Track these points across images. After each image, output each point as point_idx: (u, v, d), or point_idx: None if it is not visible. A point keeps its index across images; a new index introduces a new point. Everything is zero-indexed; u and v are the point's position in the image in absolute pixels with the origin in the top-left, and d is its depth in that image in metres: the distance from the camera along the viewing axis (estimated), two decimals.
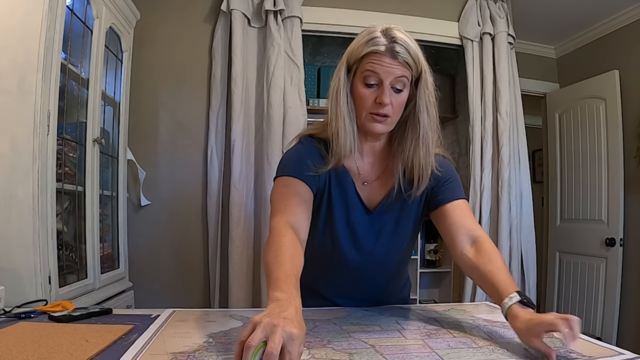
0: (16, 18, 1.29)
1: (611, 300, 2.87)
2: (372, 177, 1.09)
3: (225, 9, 2.30)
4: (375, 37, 0.95)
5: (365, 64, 0.96)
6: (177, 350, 0.76)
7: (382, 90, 0.95)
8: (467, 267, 1.01)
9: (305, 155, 1.05)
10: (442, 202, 1.06)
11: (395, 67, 0.94)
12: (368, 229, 1.09)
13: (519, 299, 0.84)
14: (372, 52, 0.95)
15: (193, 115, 2.38)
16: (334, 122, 1.00)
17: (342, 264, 1.11)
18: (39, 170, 1.28)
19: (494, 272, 0.92)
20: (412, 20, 2.56)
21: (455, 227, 1.02)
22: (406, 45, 0.94)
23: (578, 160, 3.19)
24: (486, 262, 0.95)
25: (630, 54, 2.86)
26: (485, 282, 0.94)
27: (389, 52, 0.94)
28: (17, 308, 1.12)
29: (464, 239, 1.01)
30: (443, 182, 1.07)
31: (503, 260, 0.96)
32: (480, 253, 0.97)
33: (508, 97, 2.55)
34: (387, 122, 0.99)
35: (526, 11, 2.87)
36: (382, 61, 0.94)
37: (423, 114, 0.99)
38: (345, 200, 1.07)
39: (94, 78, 1.68)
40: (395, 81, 0.95)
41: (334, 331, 0.91)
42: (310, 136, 1.09)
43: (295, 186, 1.00)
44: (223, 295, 2.26)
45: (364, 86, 0.97)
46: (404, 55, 0.94)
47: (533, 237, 2.66)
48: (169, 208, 2.35)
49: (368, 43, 0.96)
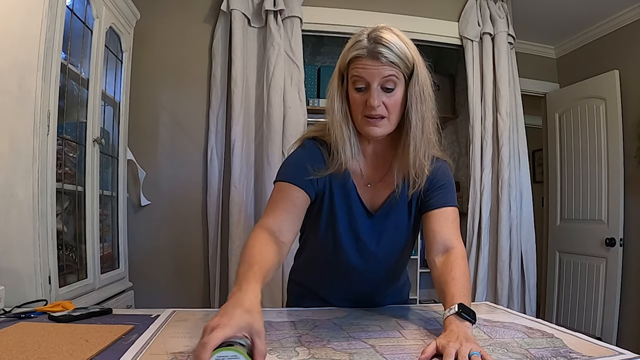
0: (16, 18, 1.29)
1: (611, 300, 2.87)
2: (376, 178, 1.09)
3: (225, 9, 2.30)
4: (358, 41, 0.96)
5: (352, 69, 0.97)
6: (177, 350, 0.76)
7: (370, 93, 0.95)
8: (433, 276, 1.02)
9: (305, 159, 1.05)
10: (431, 207, 1.05)
11: (379, 68, 0.93)
12: (370, 231, 1.09)
13: (456, 310, 0.83)
14: (355, 57, 0.95)
15: (193, 115, 2.38)
16: (331, 130, 1.01)
17: (344, 265, 1.11)
18: (39, 170, 1.28)
19: (448, 283, 0.92)
20: (412, 20, 2.56)
21: (433, 234, 1.03)
22: (390, 45, 0.93)
23: (578, 160, 3.19)
24: (446, 273, 0.95)
25: (630, 54, 2.86)
26: (441, 291, 0.95)
27: (371, 54, 0.93)
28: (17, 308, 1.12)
29: (438, 247, 1.01)
30: (437, 187, 1.06)
31: (465, 273, 0.95)
32: (445, 263, 0.97)
33: (508, 97, 2.55)
34: (384, 123, 0.98)
35: (526, 11, 2.87)
36: (365, 64, 0.94)
37: (412, 111, 0.97)
38: (347, 203, 1.07)
39: (94, 78, 1.68)
40: (383, 81, 0.95)
41: (334, 331, 0.91)
42: (314, 138, 1.09)
43: (288, 192, 1.01)
44: (223, 295, 2.26)
45: (354, 91, 0.98)
46: (387, 55, 0.93)
47: (533, 237, 2.66)
48: (169, 208, 2.35)
49: (351, 48, 0.96)
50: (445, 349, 0.72)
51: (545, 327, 0.96)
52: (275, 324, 0.98)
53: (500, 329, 0.96)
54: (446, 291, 0.91)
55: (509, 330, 0.95)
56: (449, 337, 0.76)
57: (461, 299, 0.86)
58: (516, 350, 0.79)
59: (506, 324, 1.01)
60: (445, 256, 0.99)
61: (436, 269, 0.99)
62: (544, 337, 0.89)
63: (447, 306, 0.87)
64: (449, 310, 0.85)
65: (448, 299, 0.88)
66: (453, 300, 0.87)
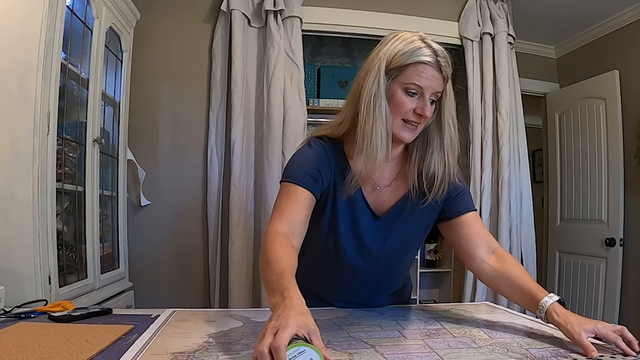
0: (16, 18, 1.29)
1: (611, 300, 2.87)
2: (386, 182, 1.09)
3: (225, 9, 2.30)
4: (421, 48, 0.96)
5: (410, 74, 0.96)
6: (177, 350, 0.76)
7: (424, 102, 0.96)
8: (487, 274, 1.04)
9: (311, 159, 1.04)
10: (457, 213, 1.08)
11: (438, 80, 0.96)
12: (374, 234, 1.08)
13: (557, 298, 0.89)
14: (419, 63, 0.95)
15: (193, 115, 2.38)
16: (368, 126, 0.98)
17: (345, 267, 1.11)
18: (39, 170, 1.28)
19: (522, 277, 0.97)
20: (412, 20, 2.55)
21: (472, 238, 1.06)
22: (447, 58, 0.96)
23: (578, 160, 3.19)
24: (511, 268, 1.00)
25: (630, 53, 2.86)
26: (514, 285, 0.98)
27: (435, 64, 0.95)
28: (17, 308, 1.12)
29: (483, 249, 1.05)
30: (457, 194, 1.08)
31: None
32: (504, 261, 1.02)
33: (508, 97, 2.55)
34: (418, 129, 1.00)
35: (526, 11, 2.87)
36: (427, 73, 0.95)
37: (448, 126, 1.01)
38: (351, 205, 1.06)
39: (94, 78, 1.67)
40: (435, 93, 0.97)
41: (334, 331, 0.92)
42: (321, 138, 1.09)
43: (295, 193, 1.00)
44: (223, 295, 2.26)
45: (405, 94, 0.97)
46: (446, 68, 0.96)
47: (533, 237, 2.66)
48: (169, 208, 2.35)
49: (414, 53, 0.95)
50: (607, 335, 0.79)
51: (546, 327, 0.96)
52: None
53: (500, 328, 0.96)
54: (522, 283, 0.96)
55: (509, 330, 0.95)
56: (585, 322, 0.82)
57: (540, 290, 0.92)
58: (516, 350, 0.79)
59: (506, 324, 1.01)
60: (495, 255, 1.04)
61: (491, 267, 1.03)
62: (544, 337, 0.89)
63: (535, 296, 0.91)
64: (550, 297, 0.89)
65: (534, 290, 0.93)
66: (538, 290, 0.92)
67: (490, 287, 1.14)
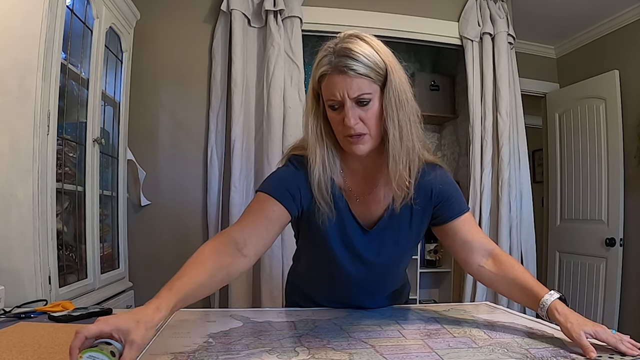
0: (16, 18, 1.29)
1: (611, 300, 2.87)
2: (365, 192, 1.03)
3: (225, 9, 2.30)
4: (324, 56, 0.90)
5: (323, 88, 0.91)
6: (177, 350, 0.76)
7: (345, 112, 0.89)
8: (487, 278, 1.03)
9: (289, 177, 1.00)
10: (450, 218, 1.03)
11: (348, 84, 0.87)
12: (367, 246, 1.05)
13: (558, 295, 0.89)
14: (322, 75, 0.90)
15: (193, 115, 2.38)
16: (308, 150, 0.96)
17: (340, 274, 1.08)
18: (39, 170, 1.28)
19: (521, 277, 0.96)
20: (412, 20, 2.56)
21: (468, 243, 1.03)
22: (356, 56, 0.87)
23: (578, 160, 3.19)
24: (510, 269, 0.98)
25: (630, 53, 2.86)
26: (514, 285, 0.97)
27: (337, 69, 0.87)
28: (17, 308, 1.12)
29: (479, 253, 1.03)
30: (447, 197, 1.03)
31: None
32: (501, 262, 1.00)
33: (508, 97, 2.55)
34: (366, 139, 0.92)
35: (526, 11, 2.87)
36: (333, 81, 0.88)
37: (389, 122, 0.90)
38: (340, 219, 1.02)
39: (94, 78, 1.67)
40: (356, 96, 0.88)
41: (334, 331, 0.91)
42: (297, 156, 1.03)
43: (265, 204, 0.95)
44: (223, 295, 2.26)
45: (330, 110, 0.92)
46: (354, 67, 0.86)
47: (533, 237, 2.66)
48: (169, 208, 2.35)
49: (318, 65, 0.91)
50: (607, 339, 0.79)
51: (546, 327, 0.96)
52: (275, 323, 0.98)
53: (500, 328, 0.96)
54: (522, 284, 0.95)
55: (509, 330, 0.95)
56: (585, 323, 0.82)
57: (541, 287, 0.92)
58: (516, 350, 0.79)
59: (506, 324, 1.01)
60: (492, 258, 1.02)
61: (489, 271, 1.01)
62: (544, 337, 0.89)
63: (536, 294, 0.91)
64: (550, 295, 0.89)
65: (535, 289, 0.92)
66: (539, 288, 0.92)
67: (493, 290, 1.13)
